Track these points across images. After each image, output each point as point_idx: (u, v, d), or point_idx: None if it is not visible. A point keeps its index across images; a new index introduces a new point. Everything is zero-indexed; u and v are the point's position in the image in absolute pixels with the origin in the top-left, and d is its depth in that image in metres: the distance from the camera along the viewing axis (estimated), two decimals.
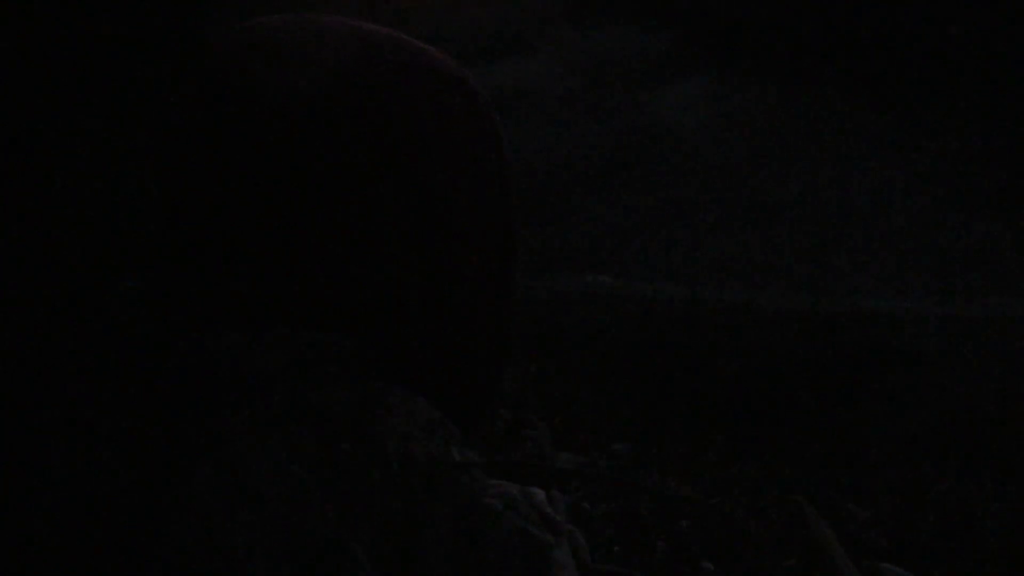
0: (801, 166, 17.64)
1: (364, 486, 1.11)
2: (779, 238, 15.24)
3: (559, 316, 11.39)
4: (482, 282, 1.24)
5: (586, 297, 12.37)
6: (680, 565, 5.17)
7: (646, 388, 9.58)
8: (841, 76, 20.52)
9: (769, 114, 19.81)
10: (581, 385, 9.31)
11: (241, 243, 1.23)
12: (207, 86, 1.09)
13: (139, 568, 1.06)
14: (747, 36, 22.29)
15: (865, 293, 12.89)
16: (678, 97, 21.15)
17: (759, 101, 20.32)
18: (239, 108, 1.08)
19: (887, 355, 10.57)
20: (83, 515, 1.06)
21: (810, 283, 13.47)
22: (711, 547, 5.34)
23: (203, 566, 1.03)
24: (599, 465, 6.00)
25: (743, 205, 16.38)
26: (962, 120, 18.35)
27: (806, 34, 21.56)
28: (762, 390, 9.60)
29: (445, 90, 1.16)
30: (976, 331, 11.11)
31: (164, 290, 1.39)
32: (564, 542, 1.44)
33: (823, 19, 21.55)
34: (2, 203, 1.54)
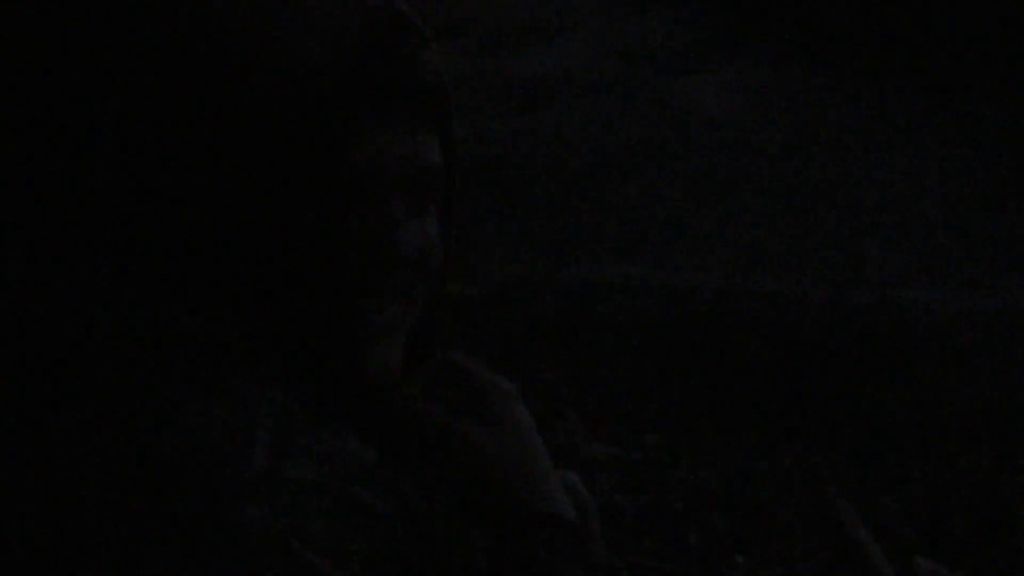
0: (834, 153, 17.54)
1: None
2: (811, 226, 15.18)
3: (590, 304, 11.38)
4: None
5: (617, 285, 12.34)
6: (712, 558, 5.18)
7: (678, 378, 9.56)
8: (876, 63, 20.40)
9: (802, 102, 19.72)
10: (613, 374, 9.30)
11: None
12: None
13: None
14: (781, 23, 22.19)
15: (898, 282, 12.82)
16: (711, 84, 21.07)
17: (792, 89, 20.23)
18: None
19: (920, 345, 10.52)
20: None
21: (842, 272, 13.41)
22: (743, 540, 5.34)
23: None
24: (631, 456, 6.02)
25: (774, 193, 16.32)
26: (1001, 108, 18.22)
27: (840, 21, 21.44)
28: (793, 380, 9.57)
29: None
30: (1010, 322, 11.05)
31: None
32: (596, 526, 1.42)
33: (858, 6, 21.43)
34: None
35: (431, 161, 1.12)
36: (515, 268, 11.72)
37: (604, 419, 7.16)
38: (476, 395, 1.16)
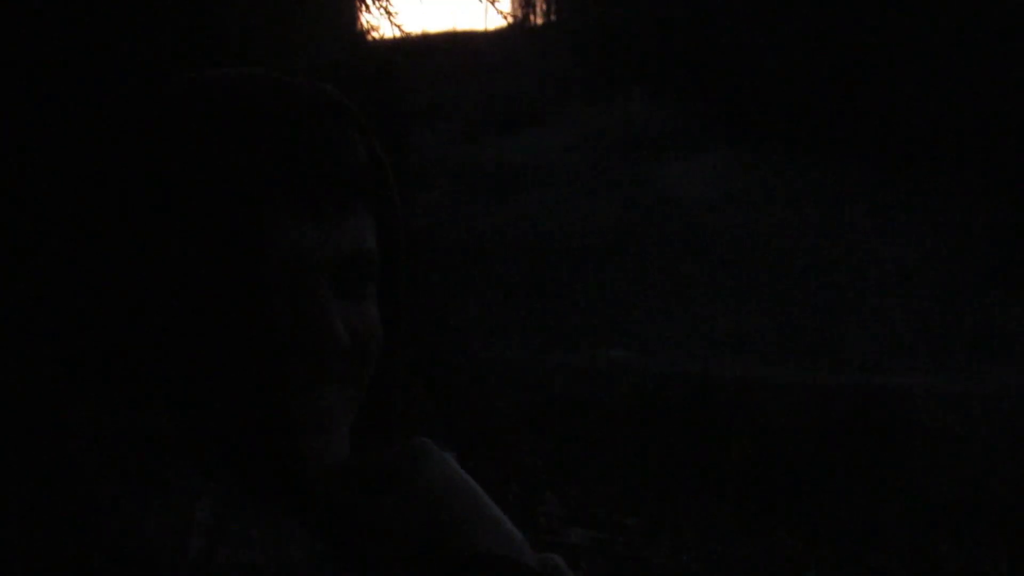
0: (813, 239, 17.66)
1: None
2: (792, 311, 15.24)
3: (572, 389, 11.38)
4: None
5: (598, 371, 12.36)
6: None
7: (658, 462, 9.54)
8: (857, 151, 20.61)
9: (782, 189, 19.88)
10: (594, 458, 9.28)
11: None
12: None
13: None
14: (759, 111, 22.42)
15: (880, 368, 12.86)
16: (689, 171, 21.25)
17: (771, 176, 20.40)
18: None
19: (902, 430, 10.53)
20: None
21: (824, 357, 13.45)
22: None
23: None
24: (612, 540, 5.98)
25: (755, 279, 16.39)
26: (980, 195, 18.39)
27: (820, 109, 21.67)
28: (775, 464, 9.56)
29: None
30: (992, 408, 11.08)
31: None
32: None
33: (838, 93, 21.67)
34: None
35: (363, 245, 1.11)
36: (496, 352, 11.74)
37: (584, 503, 7.13)
38: (387, 467, 1.16)
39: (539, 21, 34.65)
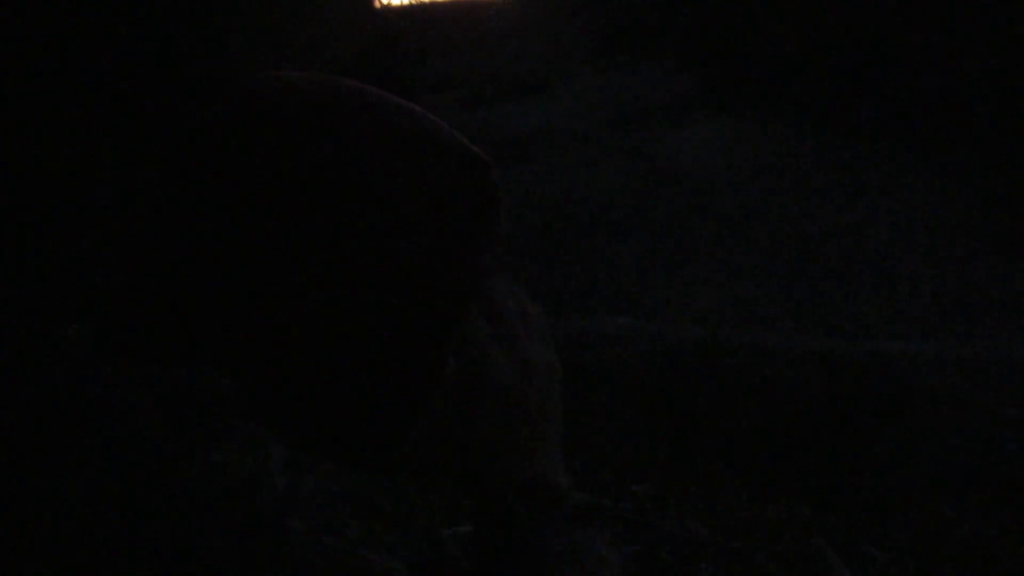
0: (822, 207, 17.63)
1: None
2: (798, 279, 15.22)
3: (579, 357, 11.39)
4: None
5: (606, 338, 12.36)
6: None
7: (666, 429, 9.56)
8: (864, 118, 20.54)
9: (790, 156, 19.84)
10: (601, 426, 9.30)
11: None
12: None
13: None
14: (769, 79, 22.35)
15: (886, 335, 12.85)
16: (698, 139, 21.19)
17: (780, 143, 20.35)
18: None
19: (907, 397, 10.54)
20: None
21: (830, 324, 13.45)
22: None
23: None
24: (620, 506, 6.00)
25: (763, 246, 16.38)
26: (985, 162, 18.34)
27: (828, 76, 21.61)
28: (781, 432, 9.57)
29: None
30: (997, 373, 11.07)
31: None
32: None
33: (846, 61, 21.60)
34: None
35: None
36: None
37: (593, 469, 7.16)
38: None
39: None
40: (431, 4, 33.18)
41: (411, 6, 32.75)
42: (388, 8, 29.98)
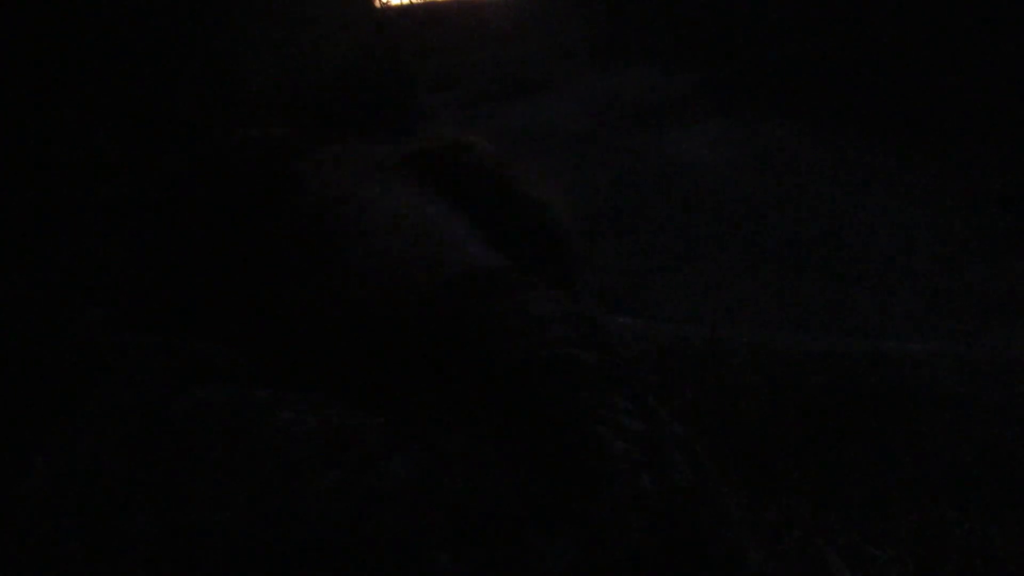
0: (822, 207, 17.63)
1: None
2: (800, 278, 15.22)
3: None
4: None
5: None
6: None
7: None
8: (864, 118, 20.54)
9: (790, 155, 19.83)
10: None
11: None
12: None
13: None
14: (768, 78, 22.34)
15: (887, 334, 12.85)
16: (698, 138, 21.19)
17: (780, 142, 20.34)
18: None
19: (909, 397, 10.53)
20: None
21: (832, 324, 13.45)
22: None
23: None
24: None
25: (763, 246, 16.37)
26: (987, 162, 18.34)
27: (828, 76, 21.60)
28: (783, 431, 9.57)
29: None
30: (999, 374, 11.07)
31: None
32: None
33: (846, 61, 21.60)
34: None
35: None
36: None
37: None
38: None
39: None
40: (431, 4, 33.18)
41: (411, 6, 32.74)
42: (388, 8, 29.98)
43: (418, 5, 33.28)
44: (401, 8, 32.33)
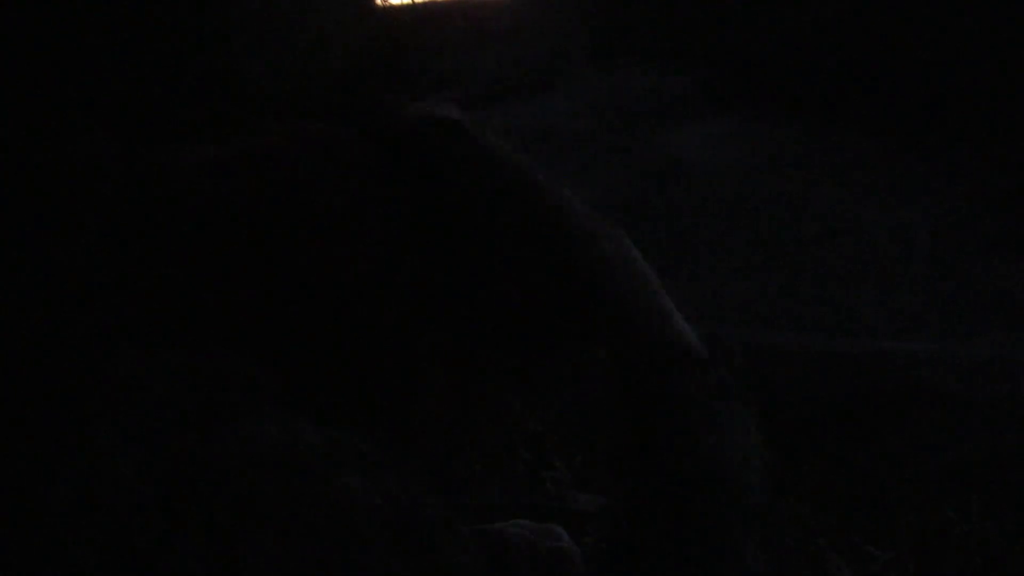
0: (821, 206, 17.63)
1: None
2: (800, 278, 15.23)
3: (580, 357, 11.37)
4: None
5: None
6: None
7: None
8: (864, 118, 20.54)
9: (789, 155, 19.84)
10: (602, 426, 9.30)
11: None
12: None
13: None
14: (768, 78, 22.34)
15: (887, 334, 12.86)
16: (698, 137, 21.19)
17: (779, 142, 20.35)
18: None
19: (908, 396, 10.54)
20: None
21: (831, 323, 13.45)
22: None
23: None
24: (619, 506, 6.01)
25: (763, 245, 16.38)
26: (985, 162, 18.34)
27: (827, 76, 21.60)
28: (782, 431, 9.57)
29: None
30: (998, 373, 11.08)
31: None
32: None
33: (845, 60, 21.60)
34: None
35: None
36: None
37: (592, 469, 7.17)
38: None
39: None
40: (431, 4, 33.16)
41: (412, 5, 32.74)
42: (389, 7, 29.98)
43: (418, 5, 33.29)
44: (402, 8, 32.32)
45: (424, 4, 34.37)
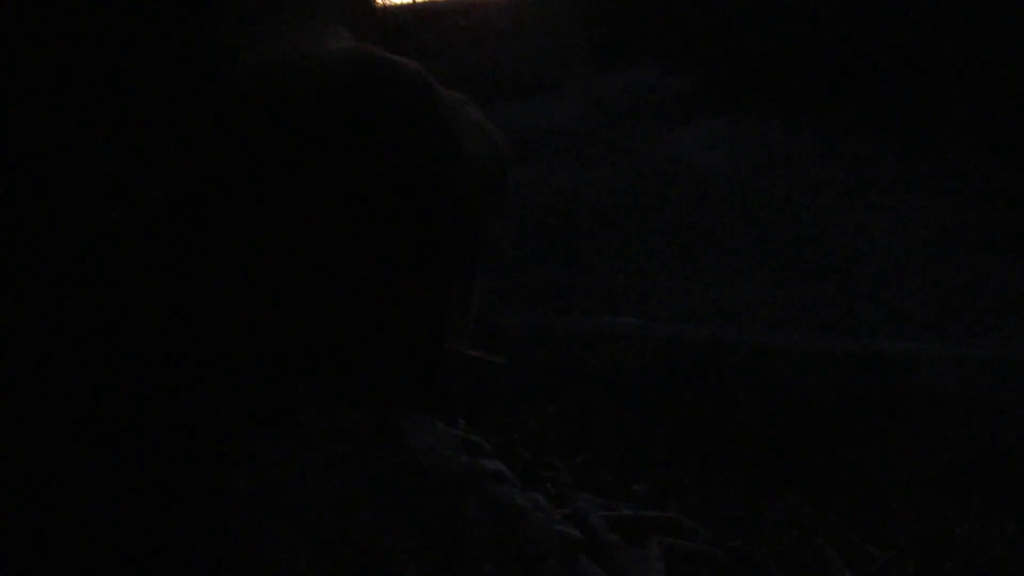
0: (820, 206, 17.64)
1: (403, 495, 1.16)
2: (798, 278, 15.23)
3: (580, 356, 11.39)
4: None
5: (607, 337, 12.36)
6: None
7: (666, 429, 9.57)
8: (861, 118, 20.54)
9: (789, 155, 19.84)
10: (602, 425, 9.30)
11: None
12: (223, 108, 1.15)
13: None
14: (766, 78, 22.34)
15: (885, 334, 12.86)
16: (697, 137, 21.20)
17: (778, 142, 20.35)
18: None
19: (908, 396, 10.54)
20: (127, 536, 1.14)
21: (829, 323, 13.45)
22: None
23: None
24: (620, 506, 6.00)
25: (762, 245, 16.38)
26: (981, 161, 18.34)
27: (825, 76, 21.60)
28: (783, 431, 9.57)
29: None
30: (996, 372, 11.08)
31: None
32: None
33: (843, 60, 21.60)
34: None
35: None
36: (504, 320, 11.74)
37: (592, 469, 7.16)
38: None
39: None
40: (431, 3, 33.14)
41: (412, 5, 32.71)
42: (389, 7, 29.97)
43: (418, 5, 33.25)
44: (402, 7, 32.31)
45: (424, 4, 34.37)
